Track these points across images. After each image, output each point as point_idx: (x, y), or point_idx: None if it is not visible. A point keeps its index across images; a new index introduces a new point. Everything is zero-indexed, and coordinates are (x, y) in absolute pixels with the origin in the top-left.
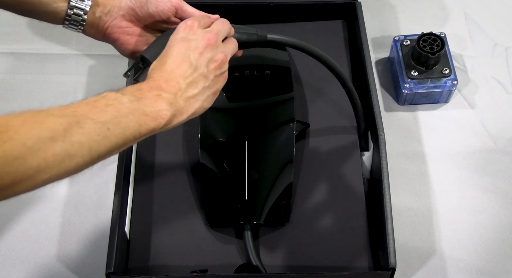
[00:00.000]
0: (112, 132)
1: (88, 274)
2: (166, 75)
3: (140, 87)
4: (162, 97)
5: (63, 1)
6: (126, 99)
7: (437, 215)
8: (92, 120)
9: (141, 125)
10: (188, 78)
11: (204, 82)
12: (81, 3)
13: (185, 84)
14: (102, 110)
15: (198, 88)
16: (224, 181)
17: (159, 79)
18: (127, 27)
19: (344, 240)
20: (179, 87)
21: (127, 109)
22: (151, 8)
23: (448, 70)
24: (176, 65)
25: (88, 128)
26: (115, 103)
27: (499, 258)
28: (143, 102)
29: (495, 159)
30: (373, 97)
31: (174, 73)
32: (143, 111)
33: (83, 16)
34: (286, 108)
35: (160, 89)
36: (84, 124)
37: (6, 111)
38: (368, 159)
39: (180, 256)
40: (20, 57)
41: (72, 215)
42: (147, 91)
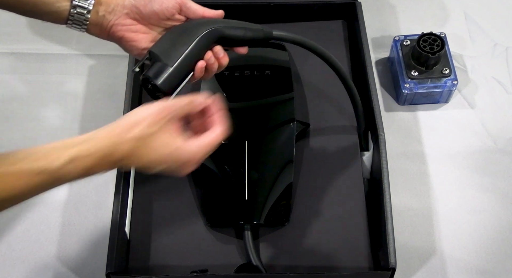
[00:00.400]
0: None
1: (88, 274)
2: (134, 160)
3: (95, 165)
4: (103, 172)
5: (65, 1)
6: (64, 180)
7: (437, 215)
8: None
9: (48, 189)
10: (142, 168)
11: (165, 170)
12: (84, 2)
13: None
14: (31, 187)
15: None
16: (224, 181)
17: (125, 158)
18: (131, 25)
19: (344, 240)
20: (128, 167)
21: (60, 181)
22: (155, 6)
23: (448, 70)
24: (147, 163)
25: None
26: (56, 177)
27: (499, 258)
28: (84, 176)
29: (495, 159)
30: (373, 97)
31: (140, 162)
32: (65, 182)
33: (86, 15)
34: (286, 108)
35: (113, 166)
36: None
37: (6, 111)
38: (368, 159)
39: (180, 256)
40: (20, 57)
41: (72, 215)
42: (97, 170)
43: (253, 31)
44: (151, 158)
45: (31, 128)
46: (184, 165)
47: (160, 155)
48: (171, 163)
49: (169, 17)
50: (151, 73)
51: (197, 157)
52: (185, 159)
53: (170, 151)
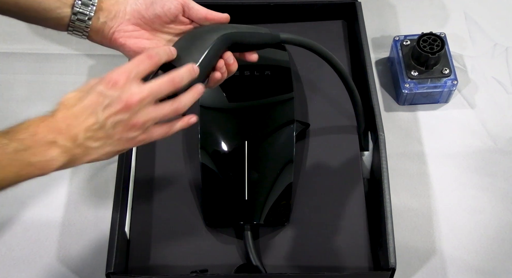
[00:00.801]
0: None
1: (88, 274)
2: (70, 120)
3: (37, 130)
4: (57, 144)
5: (66, 7)
6: (11, 148)
7: (437, 215)
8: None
9: (22, 176)
10: (90, 132)
11: (106, 140)
12: (85, 9)
13: (85, 136)
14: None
15: (99, 143)
16: (224, 181)
17: (62, 121)
18: (133, 30)
19: (344, 240)
20: (79, 136)
21: (8, 160)
22: (157, 9)
23: (448, 70)
24: (83, 115)
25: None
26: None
27: (499, 258)
28: (32, 151)
29: (495, 159)
30: (373, 97)
31: (78, 120)
32: (28, 162)
33: (87, 22)
34: (286, 108)
35: (59, 133)
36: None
37: (6, 111)
38: (368, 159)
39: (180, 256)
40: (20, 57)
41: (72, 215)
42: (42, 136)
43: (262, 36)
44: (79, 104)
45: None
46: (110, 84)
47: (85, 93)
48: (95, 94)
49: (173, 20)
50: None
51: (119, 73)
52: (105, 78)
53: (91, 82)
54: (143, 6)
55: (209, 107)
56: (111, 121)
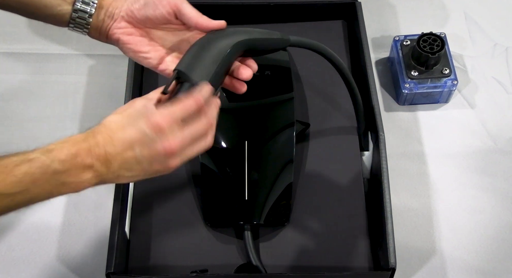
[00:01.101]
0: (16, 202)
1: (88, 274)
2: (109, 147)
3: (78, 152)
4: (93, 169)
5: (67, 4)
6: (51, 169)
7: (437, 215)
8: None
9: (53, 194)
10: (126, 164)
11: (140, 172)
12: (86, 7)
13: (121, 167)
14: (17, 179)
15: (132, 173)
16: (224, 181)
17: (102, 147)
18: (126, 27)
19: (344, 240)
20: (114, 166)
21: (46, 180)
22: (148, 12)
23: (448, 70)
24: (122, 146)
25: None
26: (37, 172)
27: (499, 258)
28: (69, 173)
29: (495, 159)
30: (373, 97)
31: (116, 150)
32: (63, 182)
33: (88, 19)
34: (286, 108)
35: (97, 159)
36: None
37: (6, 111)
38: (368, 159)
39: (180, 256)
40: (20, 57)
41: (72, 215)
42: (82, 158)
43: (274, 41)
44: (122, 135)
45: (31, 128)
46: (155, 129)
47: (129, 126)
48: (141, 128)
49: (165, 23)
50: (182, 94)
51: (165, 119)
52: (154, 119)
53: (138, 114)
54: (136, 6)
55: None
56: (148, 160)
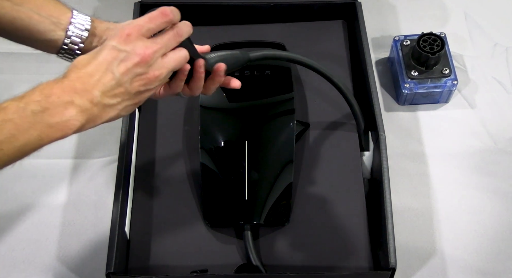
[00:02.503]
0: (6, 152)
1: (88, 274)
2: (84, 78)
3: (51, 91)
4: (74, 104)
5: (60, 30)
6: (29, 111)
7: (437, 215)
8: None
9: (43, 139)
10: (107, 89)
11: (124, 96)
12: (78, 33)
13: (102, 94)
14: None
15: (116, 100)
16: (224, 181)
17: (76, 81)
18: None
19: (344, 240)
20: (95, 94)
21: (28, 123)
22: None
23: (448, 70)
24: (98, 72)
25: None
26: (15, 117)
27: (499, 258)
28: (49, 112)
29: (495, 159)
30: (373, 97)
31: (93, 78)
32: (48, 124)
33: (80, 45)
34: (286, 108)
35: (74, 93)
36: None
37: None
38: (368, 159)
39: (180, 256)
40: (20, 57)
41: (72, 215)
42: (57, 97)
43: (230, 58)
44: (94, 61)
45: None
46: (123, 38)
47: (99, 50)
48: (111, 49)
49: None
50: None
51: (131, 27)
52: (120, 31)
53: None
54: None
55: (209, 107)
56: (128, 76)
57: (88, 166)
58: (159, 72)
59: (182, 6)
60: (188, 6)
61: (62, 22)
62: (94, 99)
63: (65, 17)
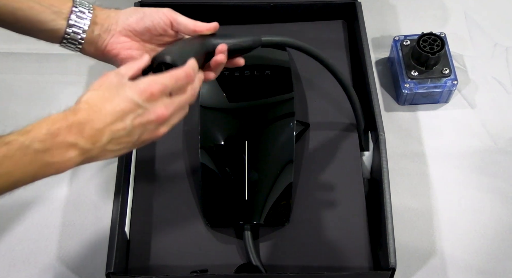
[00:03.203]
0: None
1: (88, 274)
2: (95, 122)
3: (58, 130)
4: (77, 146)
5: (62, 20)
6: (32, 150)
7: (437, 215)
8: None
9: (38, 175)
10: (115, 137)
11: (128, 144)
12: (80, 22)
13: (109, 140)
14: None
15: (120, 146)
16: (224, 181)
17: (85, 122)
18: (124, 42)
19: (344, 240)
20: (102, 140)
21: (28, 161)
22: (147, 22)
23: (448, 70)
24: (111, 118)
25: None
26: (17, 154)
27: (499, 258)
28: (51, 153)
29: (495, 159)
30: (373, 97)
31: (104, 123)
32: (47, 163)
33: (82, 34)
34: (286, 108)
35: (81, 135)
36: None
37: (6, 111)
38: (368, 159)
39: (180, 256)
40: (20, 57)
41: (72, 215)
42: (63, 137)
43: (241, 41)
44: (110, 108)
45: None
46: (146, 96)
47: (118, 99)
48: (132, 99)
49: (162, 33)
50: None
51: (157, 85)
52: (145, 86)
53: (124, 89)
54: (133, 20)
55: (209, 107)
56: (140, 130)
57: (88, 166)
58: (167, 129)
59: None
60: (188, 6)
61: (63, 11)
62: (97, 143)
63: (66, 7)
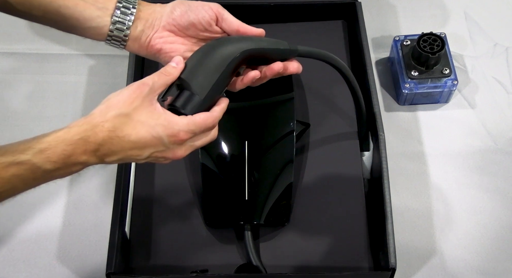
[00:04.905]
0: (1, 198)
1: (88, 274)
2: (116, 143)
3: (73, 151)
4: (87, 163)
5: (106, 16)
6: (42, 170)
7: (437, 215)
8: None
9: (40, 184)
10: (126, 158)
11: (132, 162)
12: (124, 18)
13: (118, 159)
14: (4, 181)
15: (124, 162)
16: (224, 181)
17: (106, 142)
18: (168, 36)
19: (344, 240)
20: (111, 158)
21: (35, 178)
22: (191, 16)
23: (448, 70)
24: (132, 144)
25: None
26: (26, 173)
27: (499, 258)
28: (59, 171)
29: (495, 159)
30: (373, 97)
31: (123, 147)
32: (51, 177)
33: (126, 31)
34: (286, 108)
35: (94, 153)
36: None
37: (6, 111)
38: (368, 159)
39: (180, 256)
40: (20, 57)
41: (72, 215)
42: (76, 157)
43: (281, 52)
44: (134, 138)
45: (31, 129)
46: (174, 139)
47: (145, 131)
48: (159, 137)
49: (207, 28)
50: (179, 104)
51: (186, 133)
52: (175, 131)
53: (156, 123)
54: (178, 13)
55: None
56: (152, 160)
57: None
58: (169, 162)
59: None
60: None
61: (108, 7)
62: (106, 160)
63: (111, 3)
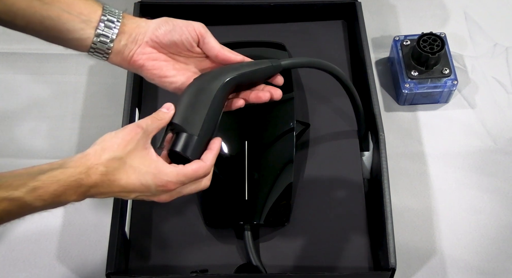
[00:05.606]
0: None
1: (88, 274)
2: (106, 186)
3: (64, 191)
4: (74, 201)
5: (90, 29)
6: (31, 207)
7: (437, 215)
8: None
9: (21, 217)
10: (113, 196)
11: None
12: (108, 31)
13: (106, 196)
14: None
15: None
16: (224, 181)
17: (97, 184)
18: (151, 53)
19: (344, 240)
20: (96, 196)
21: (20, 213)
22: (175, 36)
23: (448, 70)
24: (120, 189)
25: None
26: (14, 209)
27: (499, 258)
28: (45, 208)
29: (495, 159)
30: (373, 97)
31: (112, 190)
32: (36, 211)
33: (109, 44)
34: (286, 108)
35: (83, 194)
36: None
37: (6, 111)
38: (368, 159)
39: (180, 256)
40: (20, 57)
41: (72, 215)
42: (65, 196)
43: (264, 70)
44: (124, 183)
45: (31, 128)
46: (161, 188)
47: (135, 178)
48: (148, 185)
49: (189, 49)
50: (179, 148)
51: (174, 184)
52: (163, 182)
53: (146, 170)
54: (162, 32)
55: None
56: (137, 200)
57: None
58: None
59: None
60: (188, 7)
61: (92, 20)
62: (93, 196)
63: (95, 15)
